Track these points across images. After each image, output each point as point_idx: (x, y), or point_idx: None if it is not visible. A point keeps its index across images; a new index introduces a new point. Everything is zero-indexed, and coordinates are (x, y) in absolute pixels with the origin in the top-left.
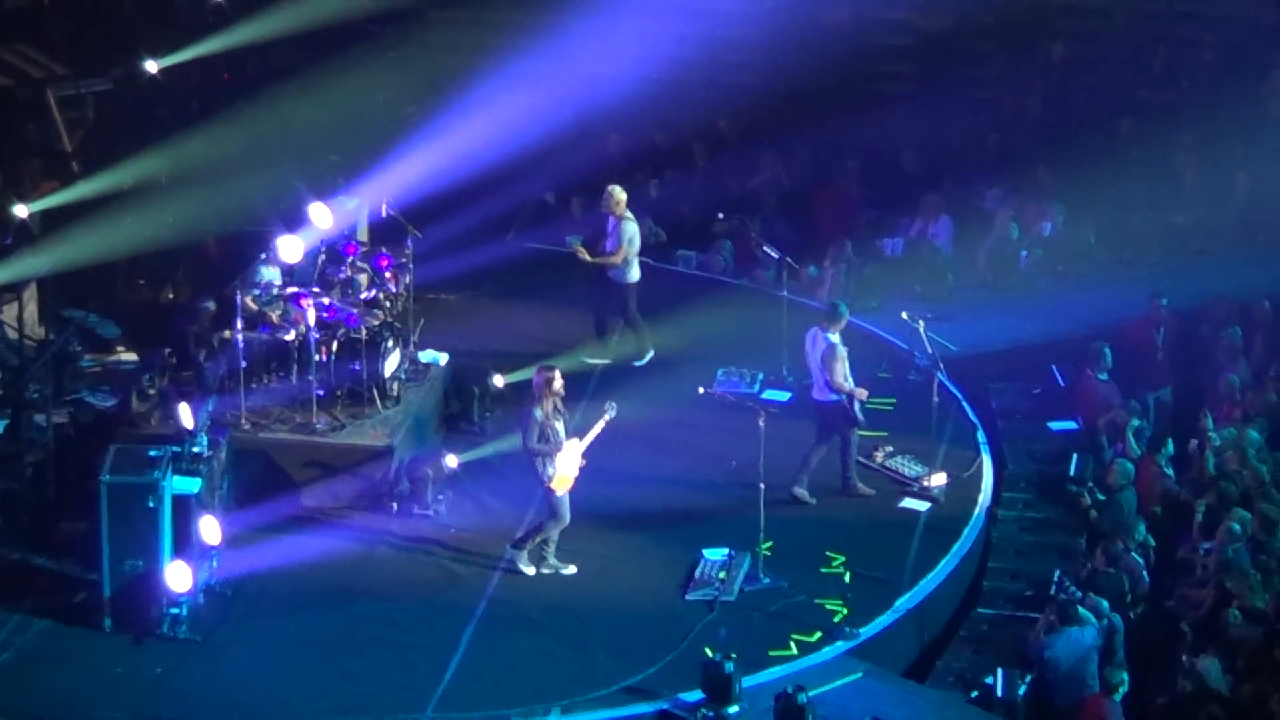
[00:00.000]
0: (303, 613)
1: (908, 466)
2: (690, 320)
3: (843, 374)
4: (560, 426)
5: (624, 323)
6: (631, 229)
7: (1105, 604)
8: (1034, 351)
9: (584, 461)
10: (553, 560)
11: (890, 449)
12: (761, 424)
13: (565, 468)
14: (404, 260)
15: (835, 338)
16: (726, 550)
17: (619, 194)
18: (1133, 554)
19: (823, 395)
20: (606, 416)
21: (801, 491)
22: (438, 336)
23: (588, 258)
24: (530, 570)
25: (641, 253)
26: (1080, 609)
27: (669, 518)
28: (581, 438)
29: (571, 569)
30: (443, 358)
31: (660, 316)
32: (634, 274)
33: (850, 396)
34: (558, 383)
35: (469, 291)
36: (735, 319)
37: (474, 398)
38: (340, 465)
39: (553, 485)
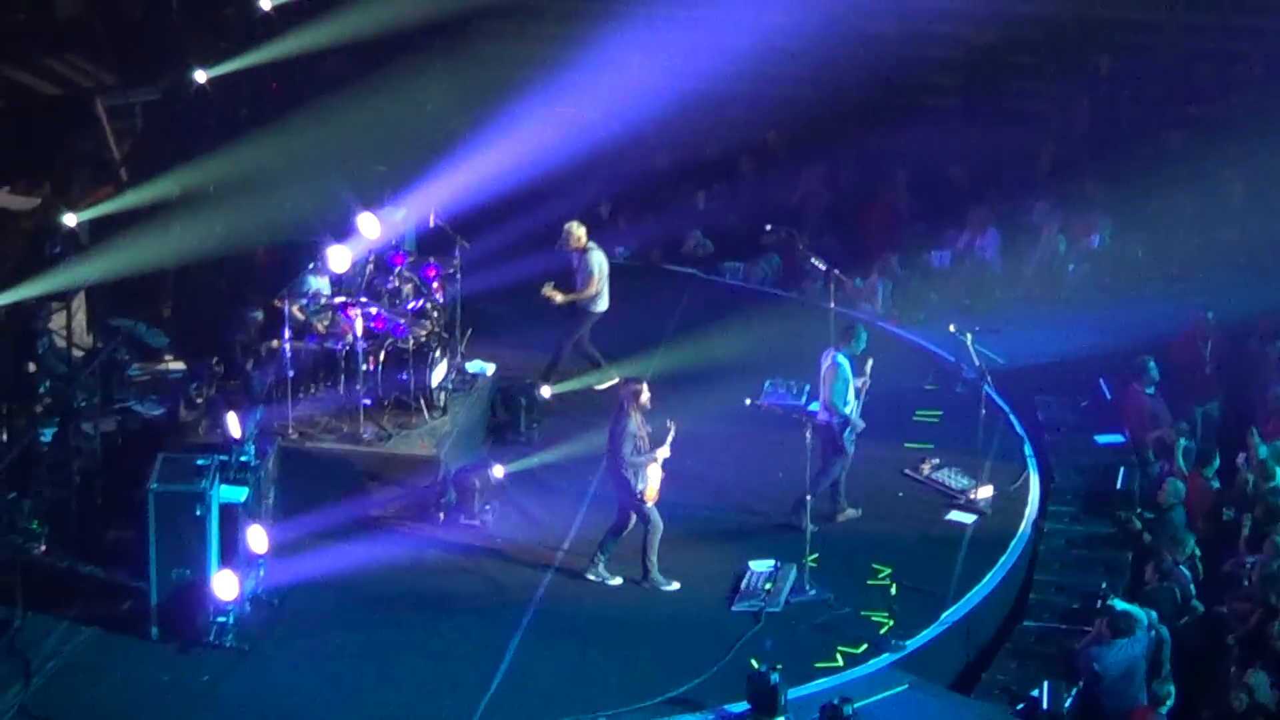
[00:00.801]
0: (348, 622)
1: (954, 479)
2: (737, 332)
3: (841, 396)
4: (648, 439)
5: (557, 348)
6: (599, 259)
7: (1155, 616)
8: (1081, 364)
9: (664, 473)
10: (655, 575)
11: (937, 461)
12: (808, 436)
13: (654, 479)
14: (451, 270)
15: (844, 360)
16: (773, 561)
17: (577, 230)
18: (1181, 567)
19: (821, 415)
20: (673, 431)
21: (842, 515)
22: (485, 347)
23: (560, 298)
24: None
25: (690, 263)
26: (1131, 619)
27: (715, 529)
28: (664, 455)
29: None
30: (489, 368)
31: (708, 328)
32: (601, 305)
33: (844, 424)
34: (645, 395)
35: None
36: (782, 331)
37: (521, 408)
38: (387, 475)
39: (646, 496)
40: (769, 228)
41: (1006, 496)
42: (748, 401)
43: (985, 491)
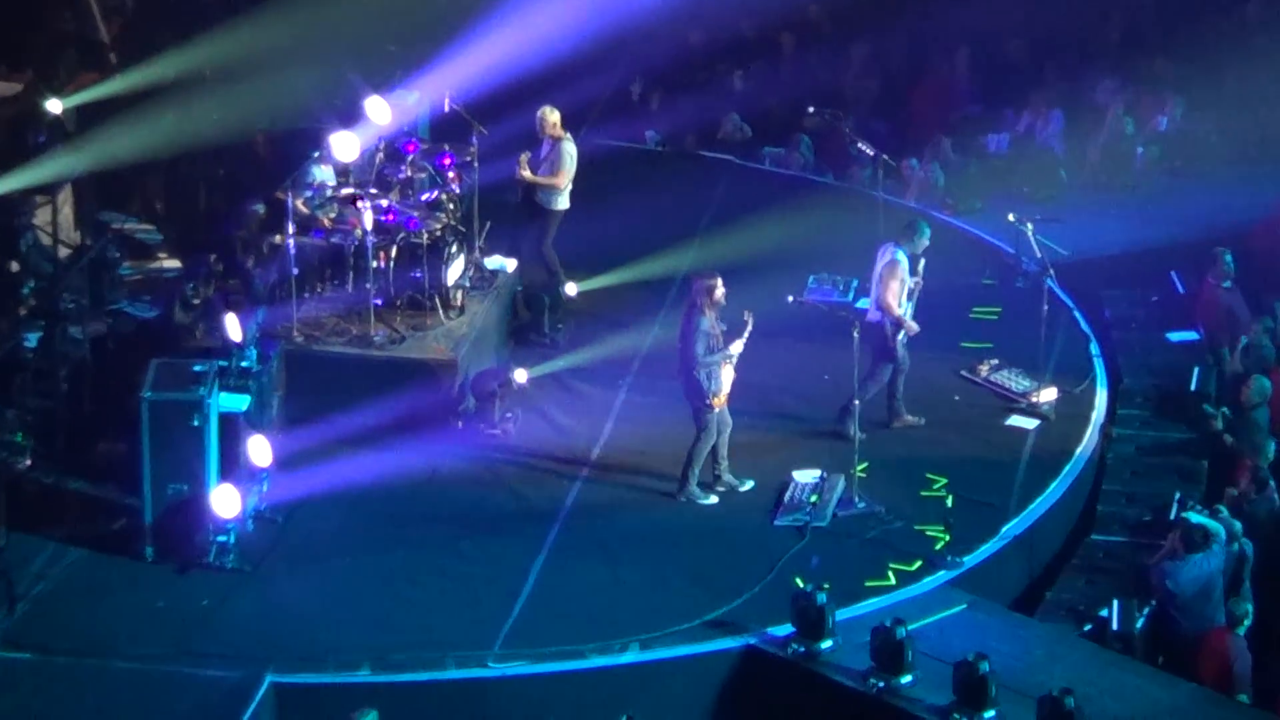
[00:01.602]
0: (360, 541)
1: (1015, 381)
2: (779, 223)
3: (896, 296)
4: (721, 338)
5: (536, 253)
6: (571, 150)
7: (1239, 527)
8: (1151, 256)
9: (735, 374)
10: (727, 478)
11: (996, 362)
12: (856, 335)
13: (725, 381)
14: (468, 159)
15: (903, 256)
16: (819, 472)
17: (552, 115)
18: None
19: (872, 314)
20: (750, 323)
21: (900, 421)
22: (504, 240)
23: (528, 175)
24: (714, 499)
25: (727, 149)
26: (1207, 533)
27: (756, 437)
28: (730, 347)
29: (750, 484)
30: (510, 264)
31: (746, 219)
32: (563, 202)
33: (896, 325)
34: (719, 290)
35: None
36: (827, 222)
37: (544, 307)
38: (400, 381)
39: (716, 401)
40: (811, 110)
41: (1071, 400)
42: (790, 298)
43: (1048, 394)
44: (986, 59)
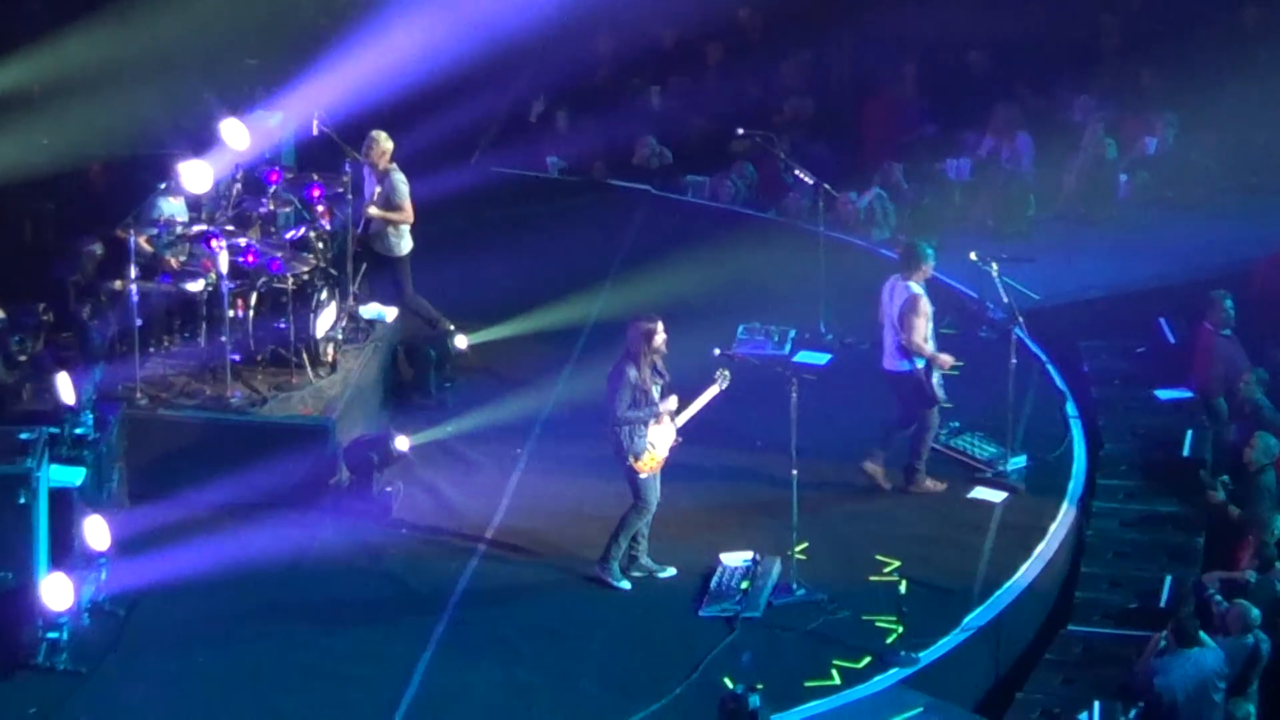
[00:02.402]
0: (215, 636)
1: (979, 447)
2: (702, 263)
3: (924, 334)
4: (657, 392)
5: (403, 307)
6: (404, 180)
7: (1256, 614)
8: (1137, 301)
9: (679, 439)
10: (646, 561)
11: (956, 425)
12: (794, 394)
13: (658, 443)
14: (340, 190)
15: (919, 288)
16: (751, 554)
17: (386, 143)
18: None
19: (893, 363)
20: (718, 385)
21: (874, 466)
22: (395, 294)
23: (376, 212)
24: (626, 585)
25: (644, 177)
26: (1202, 630)
27: (678, 513)
28: (678, 410)
29: (670, 571)
30: (390, 313)
31: (665, 258)
32: (407, 243)
33: (928, 366)
34: (660, 337)
35: None
36: (760, 261)
37: (430, 364)
38: (262, 450)
39: (638, 465)
40: (741, 132)
41: (1044, 468)
42: (716, 352)
43: (1017, 462)
44: (943, 71)
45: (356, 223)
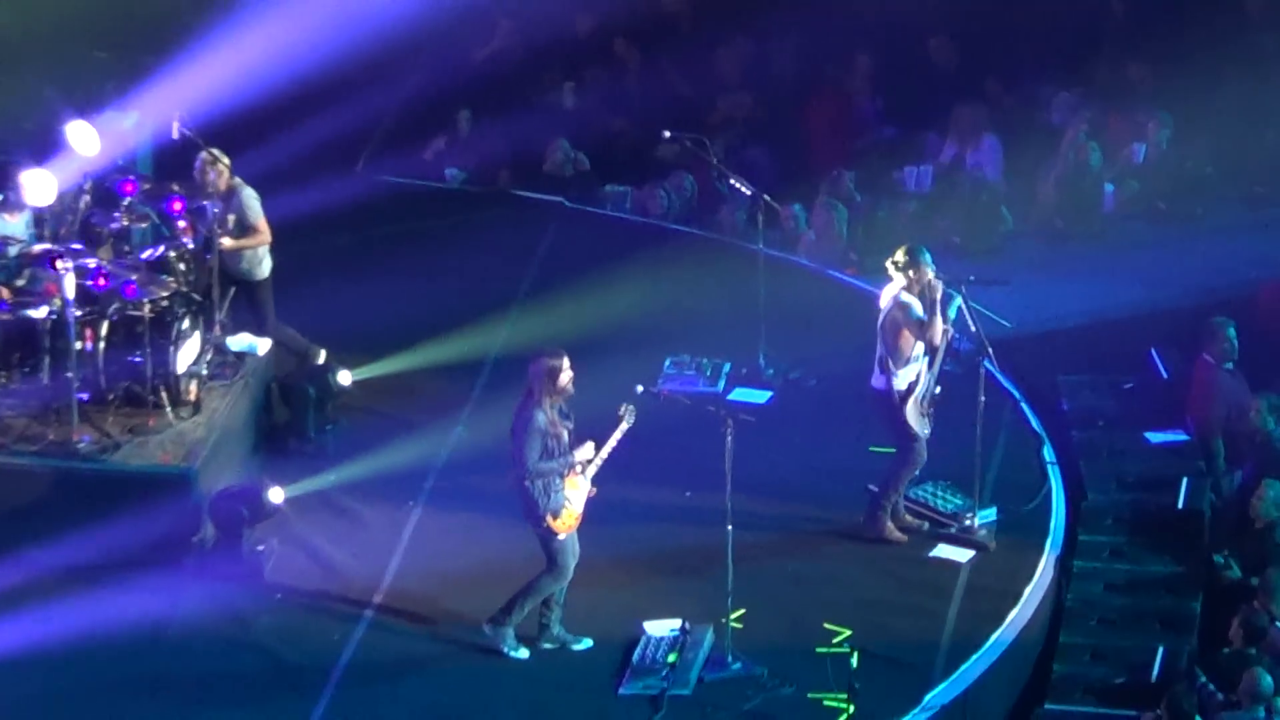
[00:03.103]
0: (61, 719)
1: (942, 498)
2: (624, 286)
3: (910, 348)
4: (566, 438)
5: (281, 337)
6: (255, 196)
7: (1268, 682)
8: (1124, 329)
9: (594, 489)
10: (558, 631)
11: (917, 473)
12: (728, 438)
13: (574, 497)
14: (205, 202)
15: (912, 299)
16: (679, 622)
17: (221, 160)
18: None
19: (877, 380)
20: (625, 424)
21: (897, 535)
22: (255, 322)
23: (230, 244)
24: (523, 653)
25: (555, 188)
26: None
27: (596, 574)
28: (586, 460)
29: (586, 643)
30: (262, 345)
31: (580, 281)
32: (268, 264)
33: (907, 391)
34: (566, 375)
35: None
36: (690, 284)
37: (309, 403)
38: (114, 502)
39: (555, 525)
40: (668, 135)
41: (1018, 522)
42: (639, 389)
43: (986, 515)
44: (902, 64)
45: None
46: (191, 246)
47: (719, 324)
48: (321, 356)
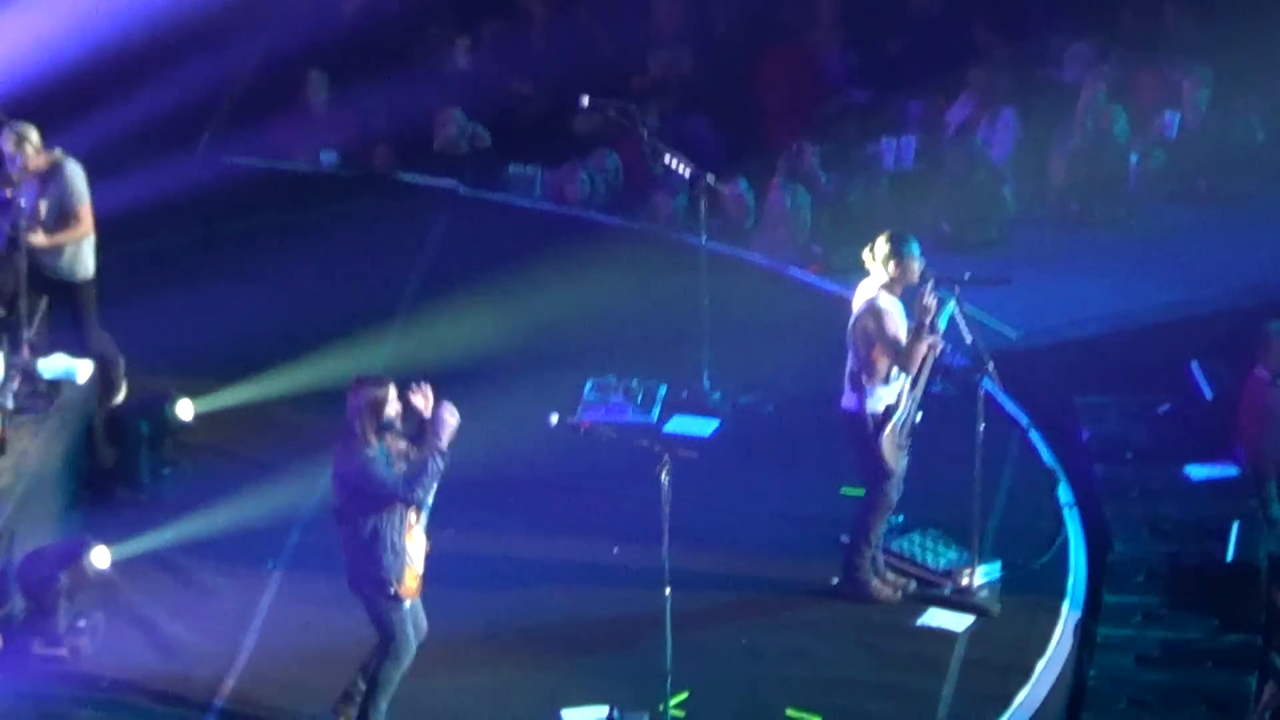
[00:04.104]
0: None
1: (932, 551)
2: (534, 290)
3: (887, 366)
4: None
5: (81, 351)
6: (79, 174)
7: None
8: (1156, 338)
9: (429, 544)
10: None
11: (900, 520)
12: (664, 478)
13: (413, 553)
14: (8, 192)
15: (890, 304)
16: (606, 709)
17: (29, 135)
18: None
19: (848, 400)
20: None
21: (885, 591)
22: (75, 331)
23: (44, 240)
24: None
25: (448, 168)
26: None
27: (500, 649)
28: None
29: None
30: (83, 369)
31: (480, 283)
32: (91, 264)
33: (884, 415)
34: (392, 406)
35: None
36: (616, 287)
37: (141, 441)
38: None
39: (403, 590)
40: (587, 102)
41: (1027, 580)
42: (554, 419)
43: (989, 573)
44: (874, 11)
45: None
46: None
47: (652, 337)
48: (122, 390)
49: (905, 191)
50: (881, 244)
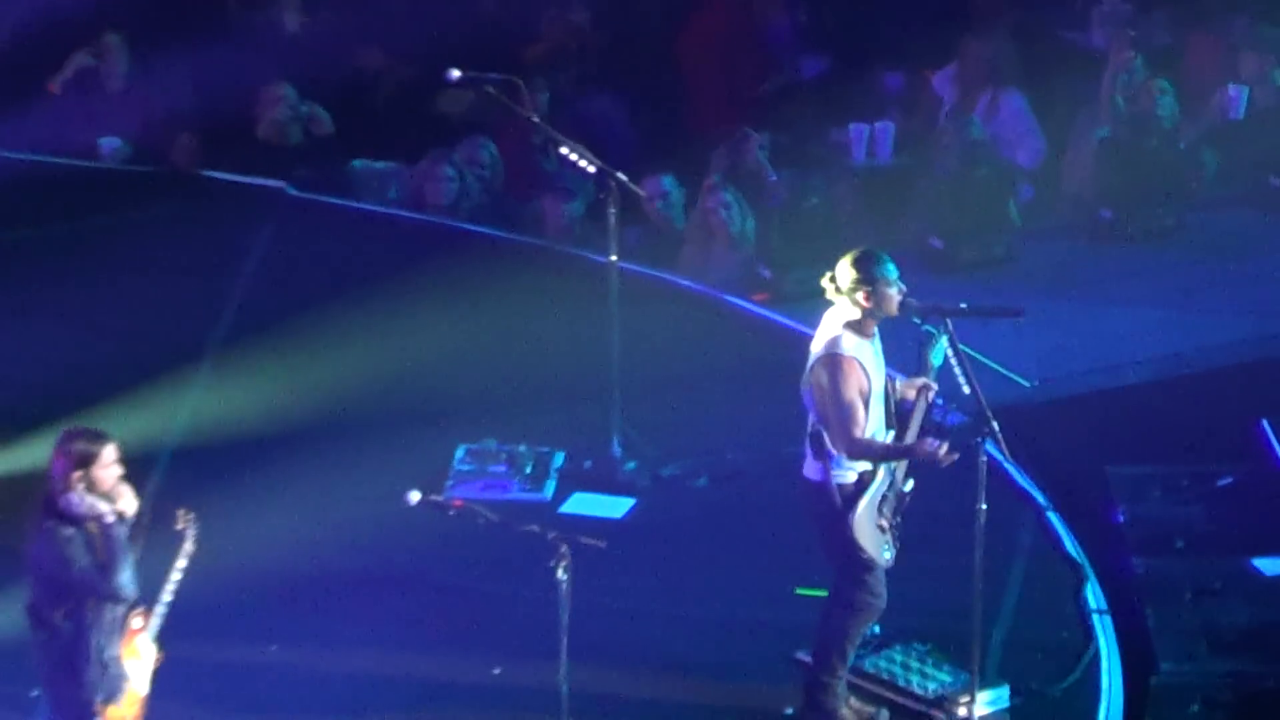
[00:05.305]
0: None
1: (920, 672)
2: (387, 325)
3: (857, 417)
4: (129, 565)
5: None
6: None
7: None
8: (1214, 387)
9: (161, 654)
10: None
11: (877, 631)
12: (562, 575)
13: (134, 670)
14: None
15: (855, 341)
16: None
17: None
18: None
19: (811, 469)
20: (188, 547)
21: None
22: None
23: None
24: None
25: (274, 162)
26: None
27: None
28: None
29: None
30: None
31: (314, 317)
32: None
33: (859, 484)
34: (108, 469)
35: None
36: (496, 321)
37: None
38: None
39: (109, 714)
40: (456, 76)
41: (1045, 710)
42: (413, 497)
43: (994, 701)
44: None
45: None
46: None
47: (545, 388)
48: None
49: (881, 194)
50: (846, 267)
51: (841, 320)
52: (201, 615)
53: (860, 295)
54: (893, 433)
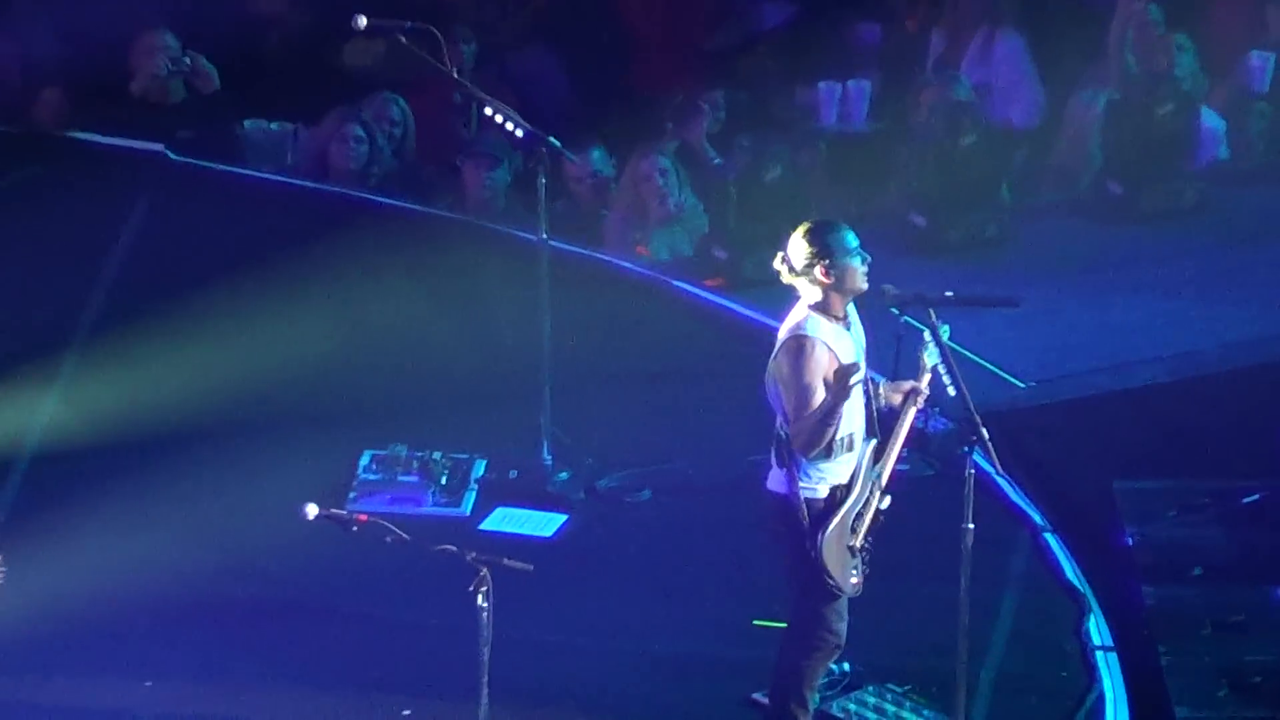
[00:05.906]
0: None
1: (897, 716)
2: (280, 310)
3: (825, 427)
4: None
5: None
6: None
7: None
8: (1236, 391)
9: None
10: None
11: (847, 668)
12: (482, 602)
13: None
14: None
15: (821, 326)
16: None
17: None
18: None
19: (775, 480)
20: None
21: None
22: None
23: None
24: None
25: (158, 125)
26: None
27: None
28: None
29: None
30: None
31: (196, 302)
32: None
33: (833, 497)
34: None
35: None
36: (407, 305)
37: None
38: None
39: None
40: (363, 24)
41: None
42: (310, 510)
43: None
44: None
45: None
46: None
47: (465, 385)
48: None
49: (854, 163)
50: (798, 241)
51: (804, 308)
52: (62, 649)
53: (818, 271)
54: (874, 441)
